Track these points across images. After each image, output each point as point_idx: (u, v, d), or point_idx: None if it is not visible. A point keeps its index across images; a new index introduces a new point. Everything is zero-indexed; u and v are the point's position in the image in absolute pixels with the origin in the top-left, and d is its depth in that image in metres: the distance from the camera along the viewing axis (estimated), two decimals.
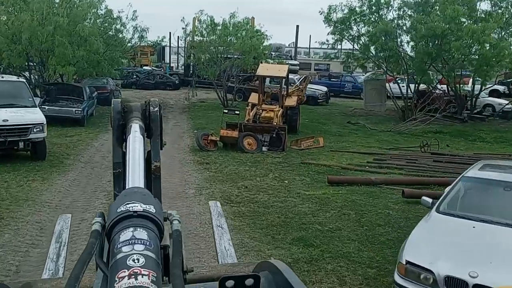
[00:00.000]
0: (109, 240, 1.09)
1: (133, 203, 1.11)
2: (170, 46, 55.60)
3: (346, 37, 24.46)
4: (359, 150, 15.97)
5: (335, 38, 24.63)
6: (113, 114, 1.64)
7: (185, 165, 13.14)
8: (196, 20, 26.85)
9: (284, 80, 18.40)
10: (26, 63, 20.24)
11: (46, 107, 17.79)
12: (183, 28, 31.01)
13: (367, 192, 10.59)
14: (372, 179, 11.19)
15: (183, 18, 27.71)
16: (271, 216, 8.86)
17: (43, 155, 12.26)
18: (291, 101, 18.45)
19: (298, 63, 35.70)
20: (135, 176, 1.41)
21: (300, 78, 25.90)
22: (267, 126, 15.77)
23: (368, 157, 14.73)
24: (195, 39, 30.51)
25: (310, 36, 73.31)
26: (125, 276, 0.93)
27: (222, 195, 10.11)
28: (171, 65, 52.15)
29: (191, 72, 39.70)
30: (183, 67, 52.86)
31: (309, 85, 30.65)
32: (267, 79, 30.24)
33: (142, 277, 0.94)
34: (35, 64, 20.63)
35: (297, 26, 47.48)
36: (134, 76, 39.75)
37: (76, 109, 18.34)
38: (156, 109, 1.68)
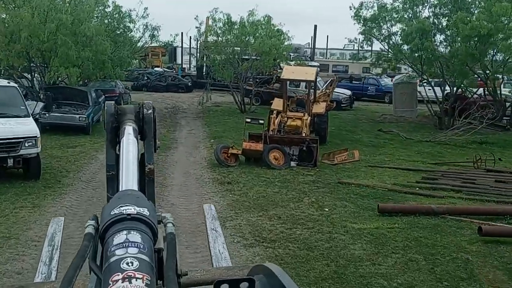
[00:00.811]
0: (103, 243, 1.06)
1: (126, 205, 1.09)
2: (182, 47, 54.05)
3: (376, 36, 22.39)
4: (400, 165, 13.90)
5: (364, 37, 22.55)
6: (107, 116, 1.64)
7: (203, 185, 11.19)
8: (210, 19, 24.93)
9: (312, 84, 16.36)
10: (28, 64, 18.40)
11: (47, 114, 16.01)
12: (197, 27, 29.27)
13: (430, 226, 8.55)
14: (433, 208, 9.14)
15: (197, 16, 25.74)
16: (317, 264, 6.86)
17: (37, 174, 10.40)
18: (320, 108, 16.44)
19: (318, 64, 33.71)
20: (129, 179, 1.40)
21: (326, 82, 23.84)
22: (296, 138, 13.78)
23: (414, 175, 12.70)
24: (208, 39, 28.82)
25: (327, 36, 71.05)
26: (119, 280, 0.92)
27: (251, 230, 8.16)
28: (183, 66, 50.35)
29: (204, 73, 38.03)
30: (195, 68, 51.34)
31: (339, 90, 28.72)
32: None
33: (136, 280, 0.92)
34: (36, 65, 18.79)
35: (315, 26, 45.44)
36: (145, 78, 37.97)
37: (80, 115, 16.51)
38: (149, 111, 1.67)
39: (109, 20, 22.43)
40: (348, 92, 29.05)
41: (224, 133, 18.48)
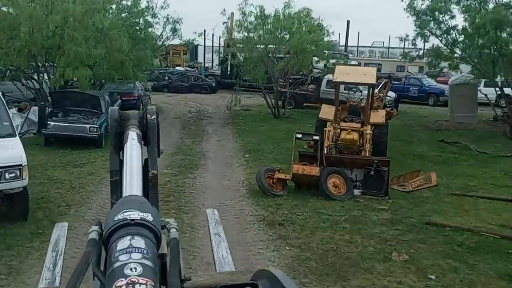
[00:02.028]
0: (106, 249, 1.06)
1: (130, 211, 1.08)
2: (204, 45, 51.37)
3: (432, 30, 19.25)
4: (492, 193, 10.83)
5: (418, 33, 19.41)
6: (110, 122, 1.64)
7: (247, 227, 8.32)
8: (239, 12, 22.01)
9: (372, 88, 13.36)
10: (30, 64, 15.76)
11: (51, 123, 13.37)
12: (224, 23, 26.46)
13: None
14: None
15: (224, 10, 22.91)
16: None
17: (23, 214, 7.69)
18: (378, 117, 13.40)
19: (358, 63, 30.70)
20: (133, 184, 1.39)
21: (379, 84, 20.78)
22: (361, 159, 10.83)
23: None
24: (234, 36, 26.11)
25: (358, 33, 67.27)
26: (122, 285, 0.92)
27: None
28: (206, 65, 47.62)
29: (229, 73, 35.30)
30: (219, 67, 48.73)
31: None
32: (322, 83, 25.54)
33: (140, 286, 0.92)
34: (41, 65, 16.14)
35: (348, 22, 42.31)
36: (166, 78, 35.34)
37: (91, 125, 13.82)
38: (153, 117, 1.66)
39: (127, 14, 19.71)
40: (393, 95, 25.86)
41: (259, 145, 15.62)
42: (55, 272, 2.38)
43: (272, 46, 20.92)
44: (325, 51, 21.84)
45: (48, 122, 13.40)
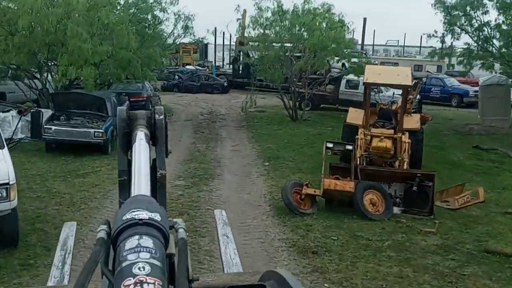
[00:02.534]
0: (115, 248, 1.07)
1: (138, 211, 1.08)
2: (215, 43, 50.20)
3: (462, 27, 17.86)
4: None
5: (447, 29, 18.04)
6: (118, 122, 1.64)
7: (275, 256, 7.04)
8: (255, 7, 20.71)
9: (407, 91, 12.02)
10: (29, 62, 14.58)
11: (53, 128, 12.22)
12: (238, 20, 25.29)
13: None
14: None
15: (238, 6, 21.65)
16: None
17: (11, 240, 6.49)
18: (413, 122, 12.09)
19: (378, 63, 29.35)
20: (141, 184, 1.39)
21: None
22: (402, 172, 9.53)
23: None
24: (246, 34, 25.01)
25: (374, 31, 65.31)
26: (130, 284, 0.92)
27: None
28: (217, 64, 46.41)
29: (241, 72, 34.14)
30: (229, 66, 47.56)
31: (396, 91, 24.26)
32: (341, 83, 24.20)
33: (148, 285, 0.92)
34: (42, 64, 14.95)
35: (364, 19, 40.79)
36: (176, 77, 34.16)
37: (96, 130, 12.64)
38: (161, 117, 1.67)
39: (135, 10, 18.50)
40: (417, 96, 24.47)
41: (279, 151, 14.34)
42: (64, 271, 2.38)
43: (289, 44, 19.61)
44: (345, 50, 20.48)
45: (49, 127, 12.24)
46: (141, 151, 1.52)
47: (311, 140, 16.07)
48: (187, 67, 40.98)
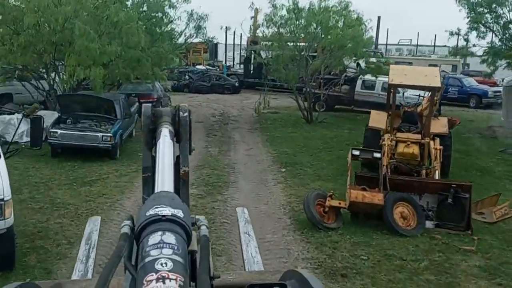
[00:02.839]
0: (138, 243, 1.08)
1: (161, 207, 1.09)
2: (226, 42, 49.54)
3: (487, 25, 17.00)
4: None
5: (471, 26, 17.18)
6: (143, 119, 1.67)
7: None
8: (270, 5, 19.99)
9: (435, 93, 11.23)
10: (44, 62, 13.94)
11: (58, 131, 11.61)
12: (252, 17, 24.62)
13: None
14: None
15: (252, 3, 20.98)
16: None
17: (8, 262, 5.83)
18: (441, 126, 11.34)
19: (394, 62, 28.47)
20: (164, 180, 1.39)
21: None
22: (435, 182, 8.76)
23: None
24: (257, 33, 24.47)
25: (387, 30, 64.04)
26: (153, 280, 0.93)
27: None
28: (227, 63, 45.71)
29: (252, 72, 33.50)
30: (239, 65, 46.89)
31: (414, 92, 23.41)
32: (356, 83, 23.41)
33: (170, 281, 0.92)
34: (49, 64, 14.32)
35: (379, 18, 39.90)
36: (187, 78, 33.54)
37: (104, 134, 11.99)
38: (185, 114, 1.69)
39: (145, 7, 17.86)
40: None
41: (295, 156, 13.61)
42: (88, 265, 2.40)
43: (302, 44, 18.83)
44: (364, 49, 19.69)
45: (55, 130, 11.63)
46: (165, 148, 1.53)
47: (328, 144, 15.35)
48: (198, 67, 40.38)
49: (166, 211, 1.07)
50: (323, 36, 17.36)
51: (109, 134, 11.94)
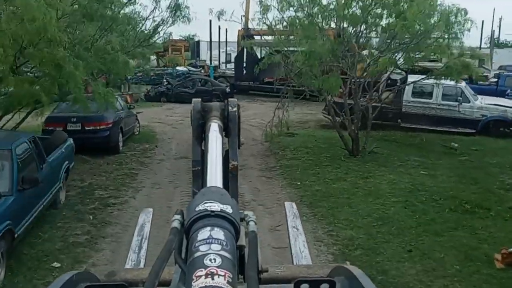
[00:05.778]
0: (187, 238, 1.07)
1: (211, 202, 1.08)
2: (210, 39, 42.46)
3: None
4: None
5: None
6: (193, 113, 1.69)
7: None
8: None
9: None
10: None
11: None
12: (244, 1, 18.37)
13: None
14: None
15: None
16: None
17: None
18: None
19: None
20: (213, 175, 1.40)
21: None
22: None
23: None
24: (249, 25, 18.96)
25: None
26: (202, 275, 0.92)
27: None
28: (212, 63, 38.49)
29: (245, 73, 27.03)
30: (226, 65, 40.17)
31: (488, 100, 16.75)
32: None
33: (219, 277, 0.91)
34: None
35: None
36: (164, 82, 26.42)
37: None
38: (234, 109, 1.70)
39: None
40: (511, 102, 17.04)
41: (376, 244, 6.77)
42: (140, 255, 2.39)
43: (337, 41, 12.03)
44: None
45: None
46: (214, 142, 1.54)
47: (416, 206, 8.52)
48: (178, 68, 33.06)
49: (215, 206, 1.05)
50: (388, 14, 10.50)
51: None
